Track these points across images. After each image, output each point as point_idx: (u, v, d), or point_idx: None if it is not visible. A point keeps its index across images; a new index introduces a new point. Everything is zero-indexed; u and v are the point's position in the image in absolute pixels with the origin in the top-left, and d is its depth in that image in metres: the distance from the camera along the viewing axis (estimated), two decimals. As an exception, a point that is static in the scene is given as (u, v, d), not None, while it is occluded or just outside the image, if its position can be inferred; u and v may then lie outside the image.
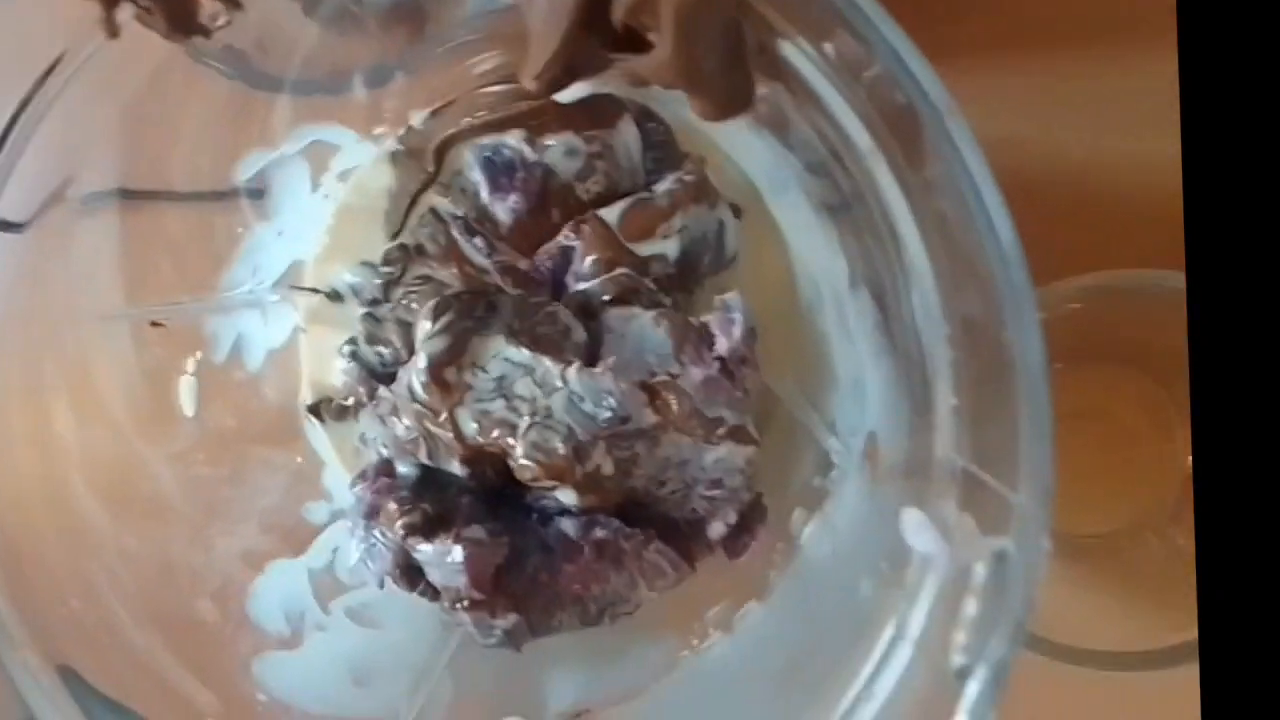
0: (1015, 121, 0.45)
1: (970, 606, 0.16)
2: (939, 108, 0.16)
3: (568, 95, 0.25)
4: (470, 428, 0.27)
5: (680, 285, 0.30)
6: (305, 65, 0.31)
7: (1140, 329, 0.47)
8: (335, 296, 0.33)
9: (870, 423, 0.25)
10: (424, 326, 0.27)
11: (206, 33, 0.19)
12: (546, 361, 0.27)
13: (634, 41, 0.17)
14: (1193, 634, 0.40)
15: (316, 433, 0.33)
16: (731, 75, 0.17)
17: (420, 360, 0.27)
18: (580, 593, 0.27)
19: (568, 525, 0.28)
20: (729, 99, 0.17)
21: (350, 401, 0.33)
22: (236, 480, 0.31)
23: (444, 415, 0.27)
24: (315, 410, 0.34)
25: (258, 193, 0.28)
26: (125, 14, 0.18)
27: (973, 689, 0.16)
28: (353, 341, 0.33)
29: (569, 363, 0.26)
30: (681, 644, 0.28)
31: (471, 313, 0.28)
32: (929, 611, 0.17)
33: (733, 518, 0.27)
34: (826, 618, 0.24)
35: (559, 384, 0.26)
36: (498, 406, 0.27)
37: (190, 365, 0.30)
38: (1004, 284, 0.15)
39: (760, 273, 0.32)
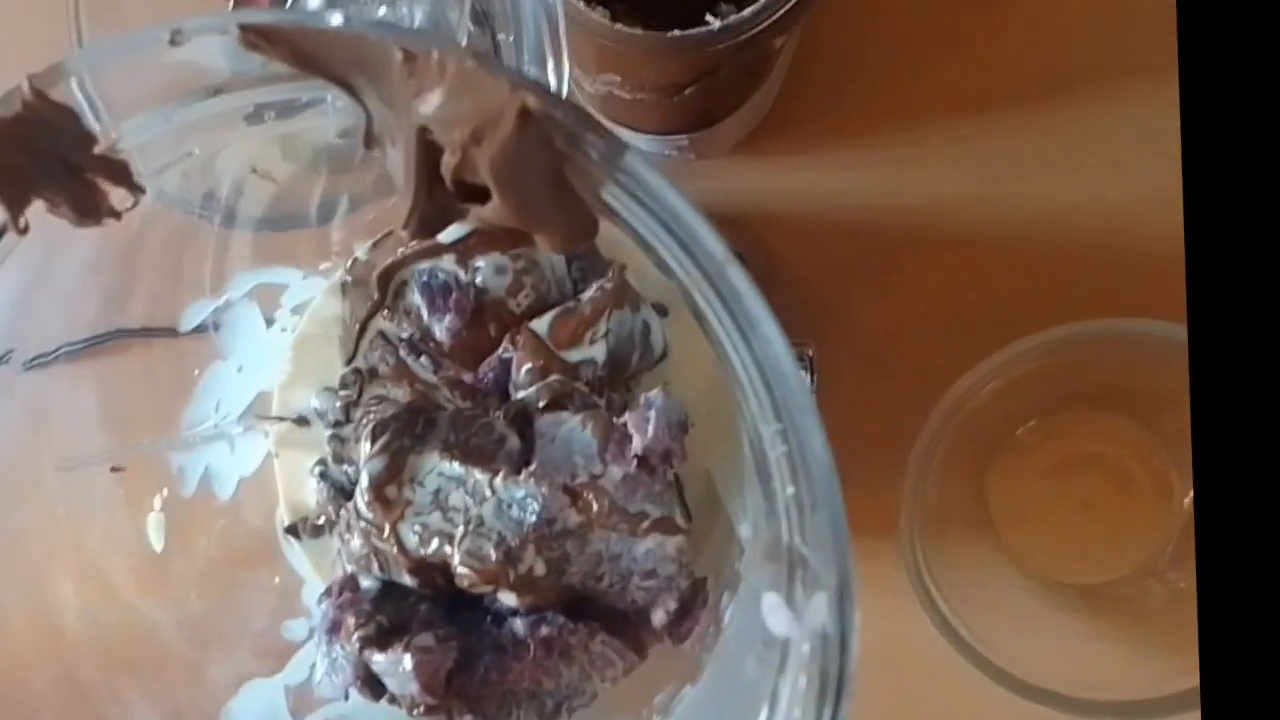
0: (997, 177, 0.47)
1: (801, 682, 0.17)
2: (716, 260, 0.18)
3: (447, 236, 0.27)
4: (412, 540, 0.29)
5: (612, 385, 0.32)
6: (271, 204, 0.34)
7: (1122, 375, 0.47)
8: (302, 421, 0.36)
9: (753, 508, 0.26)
10: (364, 448, 0.29)
11: (117, 215, 0.21)
12: (476, 473, 0.28)
13: (475, 193, 0.19)
14: (1191, 681, 0.40)
15: (295, 552, 0.35)
16: (567, 211, 0.19)
17: (362, 480, 0.29)
18: (533, 689, 0.29)
19: (518, 625, 0.29)
20: (569, 233, 0.19)
21: (323, 520, 0.35)
22: (226, 609, 0.33)
23: (387, 531, 0.29)
24: (293, 530, 0.36)
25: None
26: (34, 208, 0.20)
27: None
28: (322, 462, 0.35)
29: (496, 472, 0.28)
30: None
31: (410, 430, 0.30)
32: (790, 691, 0.18)
33: (672, 605, 0.28)
34: (731, 696, 0.25)
35: (489, 493, 0.28)
36: (435, 519, 0.28)
37: (157, 503, 0.32)
38: (783, 392, 0.17)
39: (691, 366, 0.34)
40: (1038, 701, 0.40)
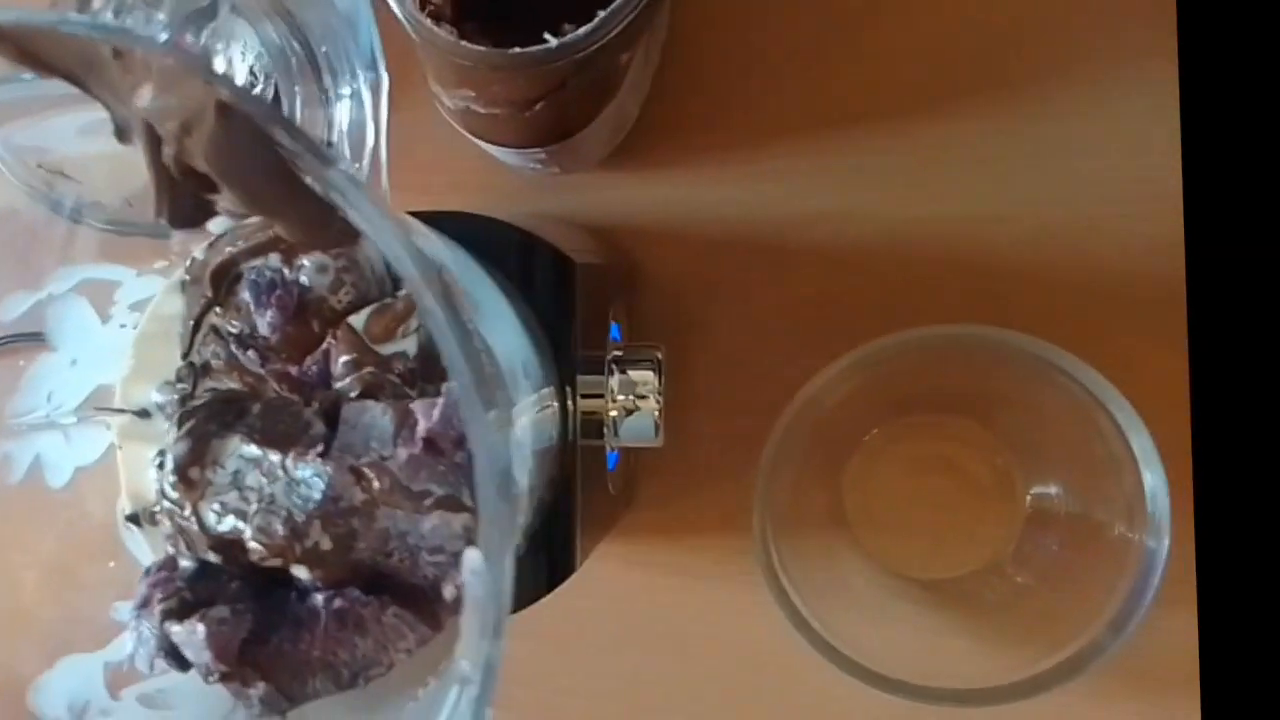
0: (850, 190, 0.49)
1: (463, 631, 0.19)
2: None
3: (214, 226, 0.29)
4: (211, 519, 0.30)
5: (426, 378, 0.34)
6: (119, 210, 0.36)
7: (962, 378, 0.49)
8: (144, 414, 0.37)
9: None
10: (171, 433, 0.31)
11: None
12: (272, 455, 0.30)
13: (208, 181, 0.21)
14: (1036, 669, 0.42)
15: (135, 539, 0.37)
16: (300, 205, 0.21)
17: (167, 462, 0.31)
18: (328, 659, 0.31)
19: (318, 599, 0.31)
20: (307, 226, 0.21)
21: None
22: (58, 590, 0.35)
23: (189, 509, 0.30)
24: (134, 518, 0.37)
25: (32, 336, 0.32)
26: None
27: (473, 688, 0.19)
28: (162, 453, 0.37)
29: (286, 454, 0.30)
30: (412, 695, 0.31)
31: (218, 417, 0.32)
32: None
33: (460, 579, 0.30)
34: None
35: (281, 473, 0.30)
36: (232, 498, 0.30)
37: (-26, 487, 0.33)
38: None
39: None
40: (887, 691, 0.42)
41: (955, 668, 0.46)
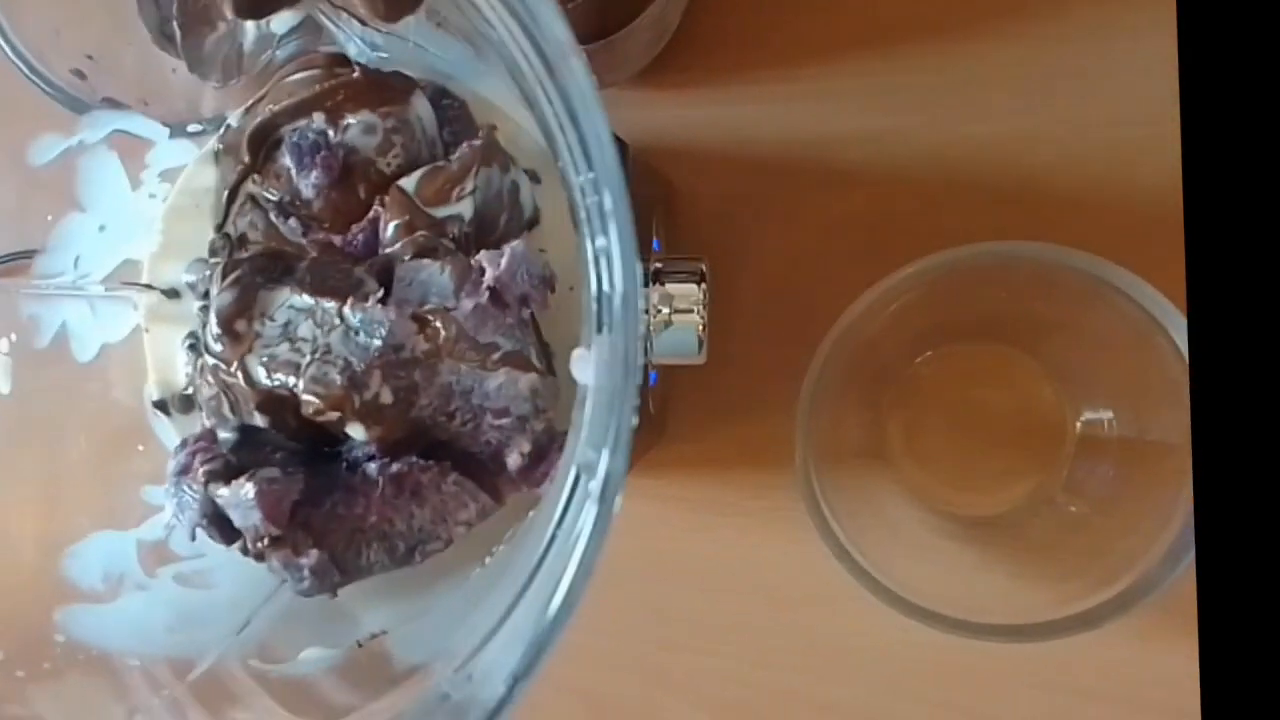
0: (896, 110, 0.47)
1: (589, 408, 0.17)
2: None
3: (279, 23, 0.27)
4: (259, 373, 0.28)
5: (480, 244, 0.32)
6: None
7: (1007, 302, 0.48)
8: (173, 294, 0.35)
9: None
10: (215, 287, 0.29)
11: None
12: (326, 303, 0.28)
13: None
14: (1082, 606, 0.40)
15: (163, 426, 0.35)
16: None
17: (211, 315, 0.29)
18: (384, 528, 0.28)
19: (371, 467, 0.29)
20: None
21: (192, 392, 0.34)
22: (86, 466, 0.33)
23: (235, 365, 0.28)
24: (162, 405, 0.35)
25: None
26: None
27: (595, 483, 0.17)
28: (193, 335, 0.34)
29: (345, 301, 0.28)
30: (476, 565, 0.29)
31: (264, 271, 0.29)
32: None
33: (526, 446, 0.28)
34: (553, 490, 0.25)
35: (336, 321, 0.28)
36: (283, 350, 0.28)
37: (3, 345, 0.31)
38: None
39: (564, 236, 0.33)
40: (930, 625, 0.40)
41: (1000, 603, 0.44)
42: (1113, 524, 0.45)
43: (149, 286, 0.34)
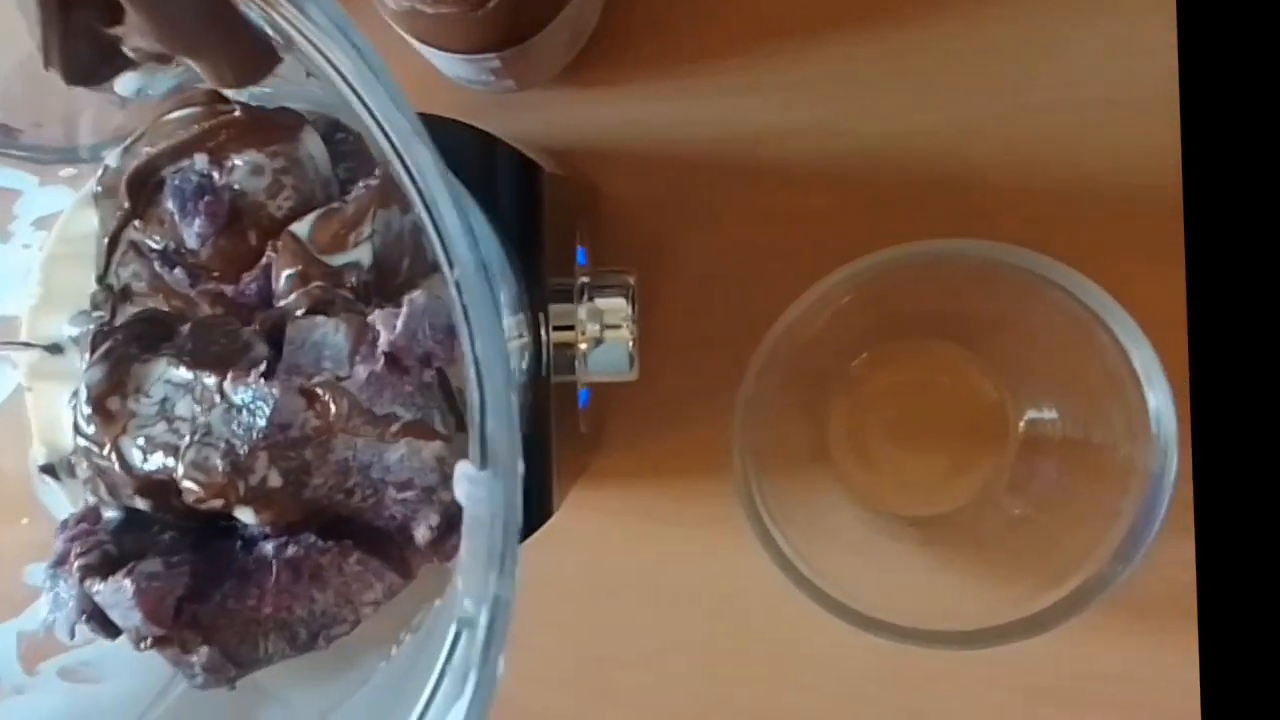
0: (822, 104, 0.45)
1: (462, 557, 0.15)
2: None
3: (121, 87, 0.24)
4: (134, 456, 0.26)
5: (382, 293, 0.30)
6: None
7: (945, 300, 0.46)
8: (55, 349, 0.32)
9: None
10: (85, 359, 0.26)
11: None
12: (205, 378, 0.26)
13: (112, 10, 0.16)
14: (1036, 606, 0.39)
15: (52, 493, 0.32)
16: (227, 36, 0.16)
17: (81, 392, 0.26)
18: (283, 616, 0.26)
19: (267, 548, 0.27)
20: (235, 62, 0.17)
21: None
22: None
23: (108, 447, 0.26)
24: (49, 470, 0.32)
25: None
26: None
27: (475, 643, 0.15)
28: (78, 393, 0.32)
29: (223, 376, 0.25)
30: (385, 654, 0.27)
31: (140, 339, 0.27)
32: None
33: (434, 519, 0.26)
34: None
35: (217, 398, 0.25)
36: (159, 430, 0.26)
37: None
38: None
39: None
40: (877, 634, 0.39)
41: (950, 607, 0.43)
42: (1059, 522, 0.45)
43: (28, 345, 0.31)
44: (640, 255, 0.47)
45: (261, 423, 0.25)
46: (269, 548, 0.26)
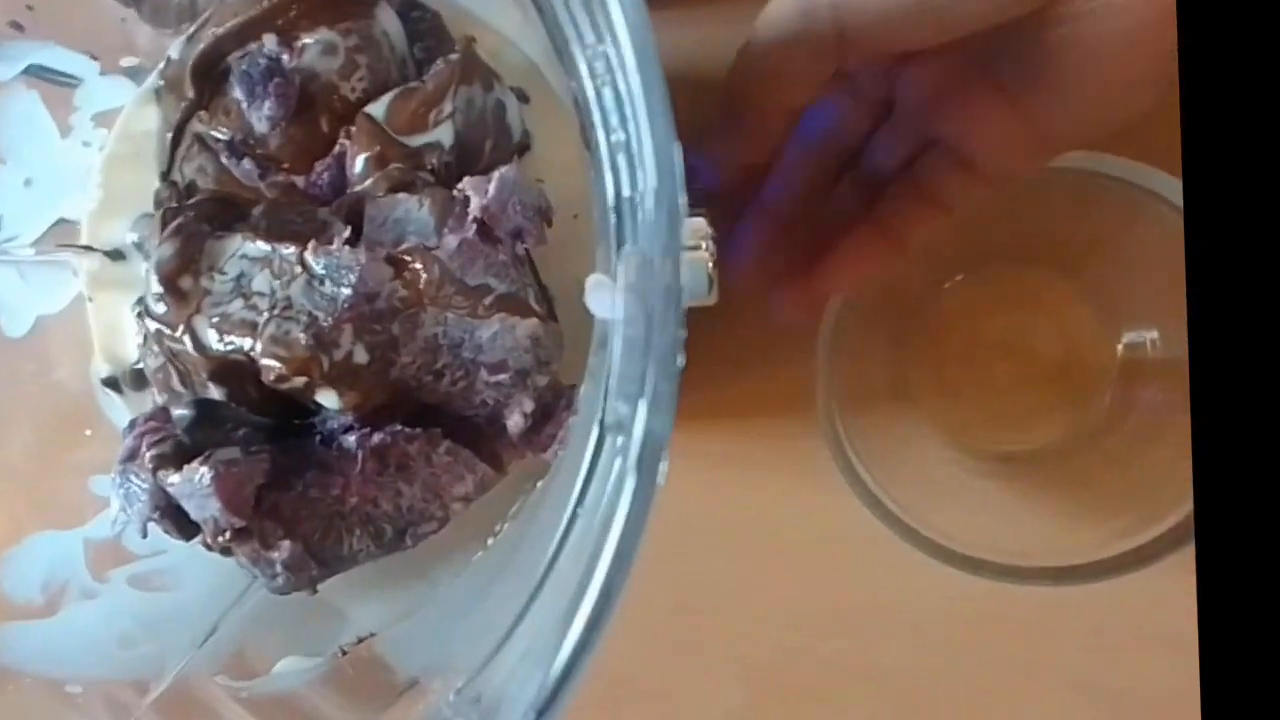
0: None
1: (617, 345, 0.13)
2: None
3: None
4: (209, 336, 0.24)
5: (463, 175, 0.27)
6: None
7: (1040, 222, 0.44)
8: (117, 256, 0.31)
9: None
10: (155, 238, 0.24)
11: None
12: (284, 249, 0.24)
13: None
14: (1133, 542, 0.37)
15: (115, 405, 0.30)
16: None
17: (151, 271, 0.24)
18: (368, 509, 0.24)
19: (349, 439, 0.25)
20: None
21: (145, 364, 0.30)
22: (23, 456, 0.28)
23: (181, 328, 0.24)
24: (112, 382, 0.31)
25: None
26: None
27: (632, 446, 0.13)
28: (142, 300, 0.30)
29: (306, 245, 0.23)
30: (478, 547, 0.24)
31: (212, 217, 0.25)
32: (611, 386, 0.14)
33: (529, 406, 0.24)
34: (570, 451, 0.21)
35: (297, 269, 0.23)
36: (236, 307, 0.24)
37: (-85, 317, 0.27)
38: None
39: (559, 158, 0.29)
40: (972, 571, 0.37)
41: (1044, 544, 0.41)
42: (1162, 453, 0.42)
43: (89, 248, 0.29)
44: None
45: (346, 292, 0.23)
46: (351, 439, 0.24)
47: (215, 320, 0.24)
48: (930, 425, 0.46)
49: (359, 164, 0.27)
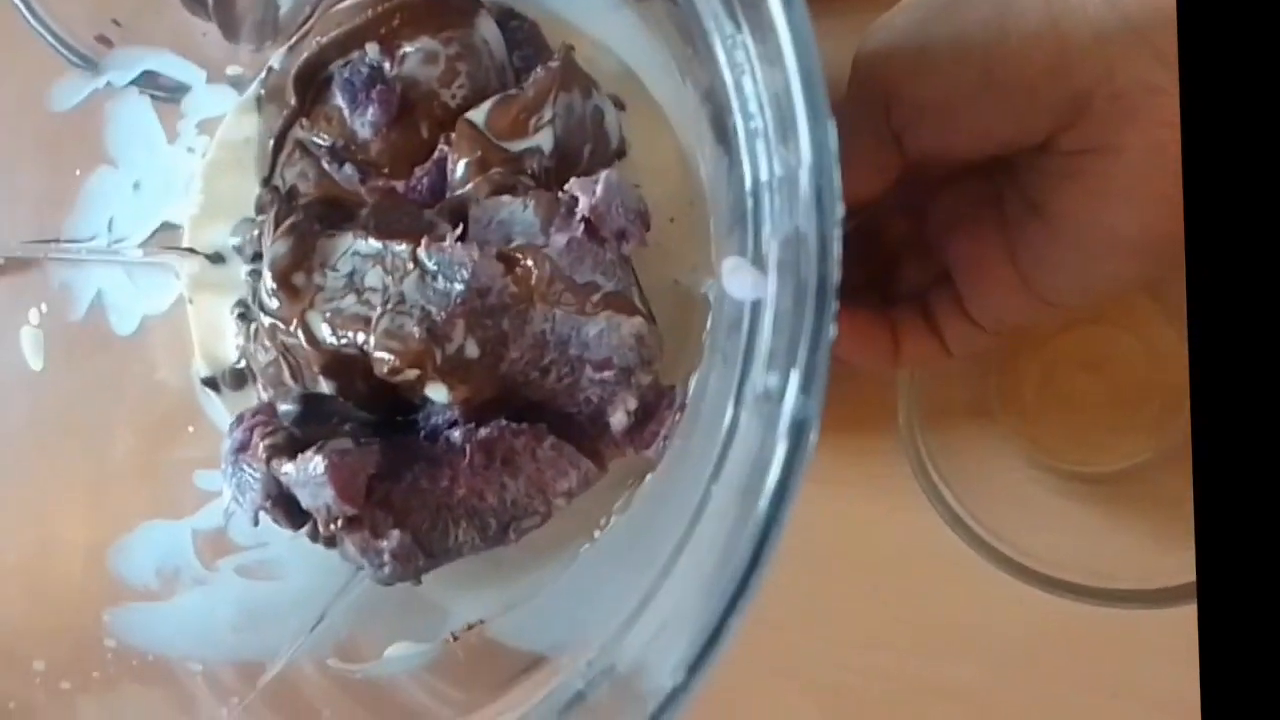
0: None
1: (768, 319, 0.13)
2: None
3: None
4: (323, 331, 0.24)
5: (562, 179, 0.28)
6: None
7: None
8: (217, 259, 0.31)
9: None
10: (268, 237, 0.25)
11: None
12: (396, 246, 0.24)
13: None
14: None
15: (215, 405, 0.31)
16: None
17: (265, 269, 0.25)
18: (474, 502, 0.24)
19: (455, 434, 0.25)
20: None
21: (245, 364, 0.31)
22: (131, 449, 0.29)
23: (295, 323, 0.24)
24: (211, 382, 0.31)
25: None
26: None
27: (789, 396, 0.13)
28: (242, 303, 0.31)
29: (418, 242, 0.24)
30: (585, 540, 0.24)
31: (323, 217, 0.26)
32: (757, 358, 0.14)
33: (633, 403, 0.24)
34: (692, 440, 0.21)
35: (410, 265, 0.24)
36: (349, 303, 0.24)
37: (33, 316, 0.27)
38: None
39: (654, 167, 0.30)
40: (1057, 593, 0.36)
41: (1132, 567, 0.40)
42: (1251, 473, 0.41)
43: (191, 251, 0.30)
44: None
45: (459, 287, 0.23)
46: (457, 433, 0.25)
47: (328, 315, 0.24)
48: (1012, 443, 0.46)
49: (460, 168, 0.27)
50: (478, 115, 0.28)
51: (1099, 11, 0.20)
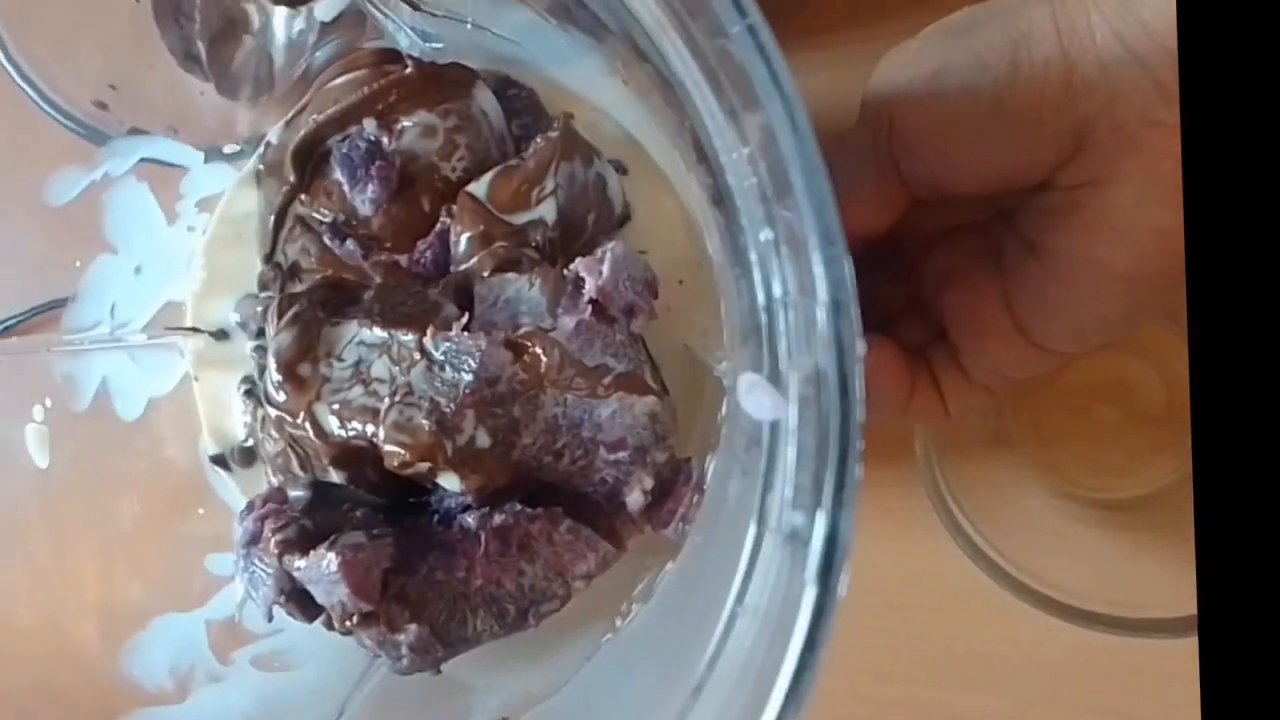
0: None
1: (790, 458, 0.13)
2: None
3: (324, 9, 0.23)
4: (331, 423, 0.24)
5: (568, 251, 0.28)
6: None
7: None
8: (221, 335, 0.31)
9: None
10: (271, 327, 0.25)
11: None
12: (402, 335, 0.24)
13: None
14: None
15: (224, 484, 0.31)
16: None
17: (270, 359, 0.24)
18: (491, 590, 0.24)
19: (469, 519, 0.25)
20: None
21: (253, 443, 0.30)
22: (138, 540, 0.29)
23: (302, 415, 0.24)
24: (220, 460, 0.31)
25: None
26: None
27: (817, 539, 0.12)
28: (248, 379, 0.30)
29: (424, 331, 0.23)
30: (607, 628, 0.24)
31: (325, 304, 0.25)
32: (779, 485, 0.14)
33: (649, 482, 0.24)
34: (714, 540, 0.20)
35: (416, 355, 0.23)
36: (357, 394, 0.24)
37: (38, 413, 0.27)
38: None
39: (659, 231, 0.29)
40: (1080, 624, 0.36)
41: (1155, 595, 0.39)
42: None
43: (195, 330, 0.30)
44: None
45: (467, 378, 0.23)
46: (471, 519, 0.24)
47: (336, 407, 0.24)
48: (1032, 472, 0.45)
49: (463, 242, 0.27)
50: (479, 188, 0.28)
51: (1106, 42, 0.20)
